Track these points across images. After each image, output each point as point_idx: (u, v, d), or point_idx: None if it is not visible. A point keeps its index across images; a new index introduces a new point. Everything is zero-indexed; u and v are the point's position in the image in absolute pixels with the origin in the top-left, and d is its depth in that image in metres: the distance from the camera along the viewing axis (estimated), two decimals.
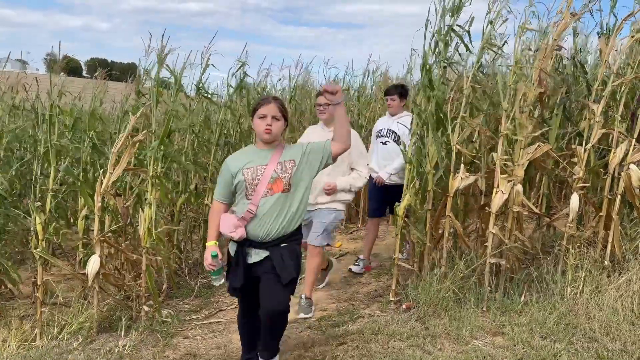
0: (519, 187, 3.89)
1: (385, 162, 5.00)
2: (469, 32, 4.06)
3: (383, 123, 5.16)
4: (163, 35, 3.96)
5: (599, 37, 4.42)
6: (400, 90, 5.05)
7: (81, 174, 4.08)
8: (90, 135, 4.41)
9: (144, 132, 3.70)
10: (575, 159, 3.99)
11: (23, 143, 6.04)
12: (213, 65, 4.89)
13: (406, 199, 4.11)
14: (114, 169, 3.62)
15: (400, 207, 4.17)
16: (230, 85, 5.74)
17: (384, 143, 5.01)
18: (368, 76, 8.34)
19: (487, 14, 3.98)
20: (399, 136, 4.91)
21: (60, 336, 3.82)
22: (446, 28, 4.02)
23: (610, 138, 4.04)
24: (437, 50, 4.07)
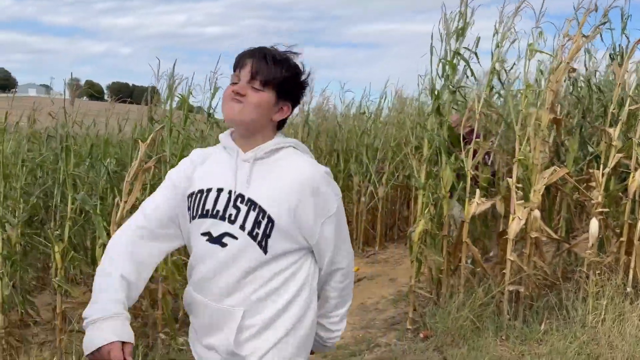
0: (537, 213, 3.85)
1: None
2: (476, 53, 4.08)
3: (215, 172, 1.57)
4: (174, 65, 4.03)
5: (611, 59, 4.38)
6: (283, 75, 1.49)
7: (98, 202, 4.16)
8: (106, 163, 4.50)
9: (154, 158, 3.75)
10: (594, 183, 3.93)
11: (45, 170, 6.18)
12: (222, 88, 4.95)
13: (421, 225, 4.10)
14: (128, 197, 3.68)
15: (416, 233, 4.15)
16: None
17: (218, 239, 1.51)
18: (385, 99, 8.37)
19: (494, 35, 3.99)
20: (272, 223, 1.47)
21: None
22: (452, 52, 4.04)
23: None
24: (444, 74, 4.08)
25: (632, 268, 3.86)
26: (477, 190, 4.10)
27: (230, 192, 1.51)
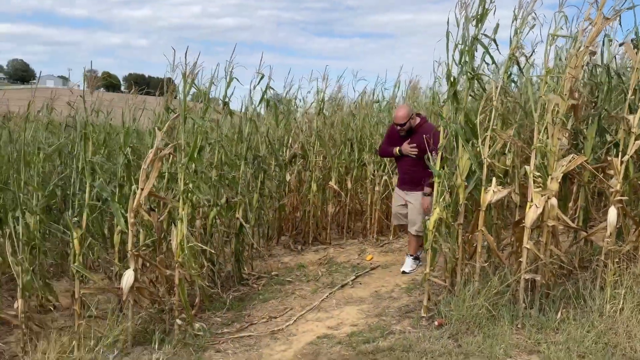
0: (554, 201, 3.79)
1: None
2: (495, 40, 4.00)
3: None
4: (187, 52, 4.00)
5: (633, 45, 4.28)
6: None
7: (117, 189, 4.18)
8: (125, 152, 4.52)
9: (169, 146, 3.75)
10: (612, 171, 3.85)
11: (63, 158, 6.22)
12: (236, 79, 4.94)
13: (436, 213, 4.05)
14: (144, 185, 3.69)
15: (431, 222, 4.10)
16: (253, 99, 5.80)
17: None
18: (399, 88, 8.27)
19: (513, 21, 3.91)
20: None
21: (97, 348, 3.89)
22: (470, 38, 3.97)
23: None
24: (462, 60, 4.01)
25: None
26: (494, 179, 4.05)
27: None
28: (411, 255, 5.55)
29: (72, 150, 5.12)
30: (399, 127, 5.40)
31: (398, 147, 5.46)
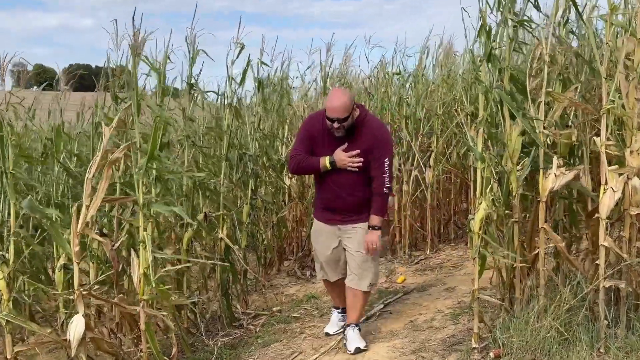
0: (636, 182, 3.80)
1: None
2: None
3: None
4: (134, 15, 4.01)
5: None
6: None
7: (53, 210, 4.22)
8: (61, 159, 4.57)
9: (123, 146, 3.78)
10: None
11: None
12: (204, 52, 4.94)
13: (482, 209, 4.06)
14: (90, 200, 3.73)
15: (476, 221, 4.12)
16: (234, 80, 5.81)
17: None
18: (428, 55, 8.31)
19: None
20: None
21: None
22: None
23: None
24: (501, 5, 4.04)
25: None
26: (555, 159, 4.06)
27: None
28: (356, 325, 4.71)
29: None
30: (335, 125, 4.47)
31: (328, 157, 4.53)
